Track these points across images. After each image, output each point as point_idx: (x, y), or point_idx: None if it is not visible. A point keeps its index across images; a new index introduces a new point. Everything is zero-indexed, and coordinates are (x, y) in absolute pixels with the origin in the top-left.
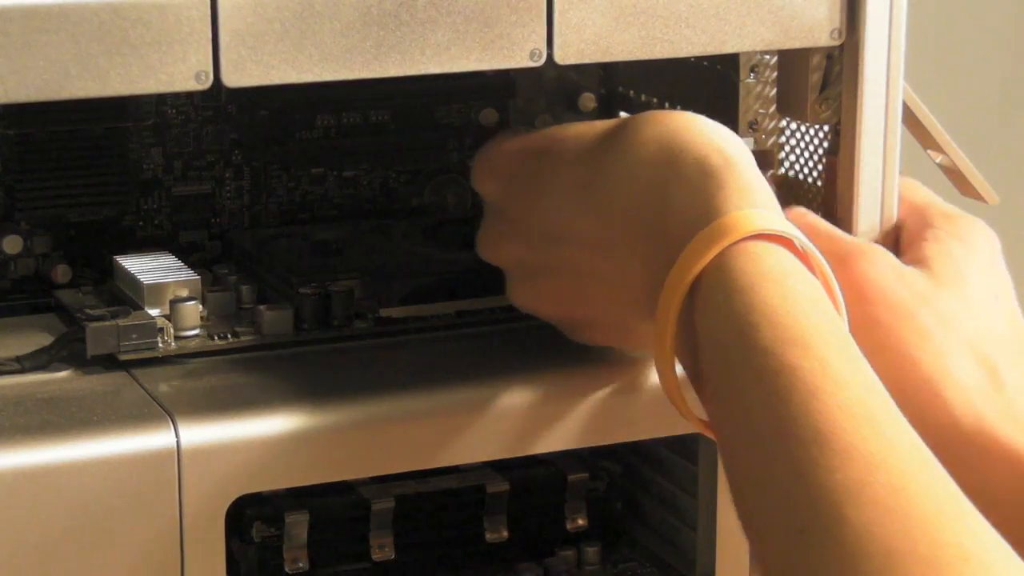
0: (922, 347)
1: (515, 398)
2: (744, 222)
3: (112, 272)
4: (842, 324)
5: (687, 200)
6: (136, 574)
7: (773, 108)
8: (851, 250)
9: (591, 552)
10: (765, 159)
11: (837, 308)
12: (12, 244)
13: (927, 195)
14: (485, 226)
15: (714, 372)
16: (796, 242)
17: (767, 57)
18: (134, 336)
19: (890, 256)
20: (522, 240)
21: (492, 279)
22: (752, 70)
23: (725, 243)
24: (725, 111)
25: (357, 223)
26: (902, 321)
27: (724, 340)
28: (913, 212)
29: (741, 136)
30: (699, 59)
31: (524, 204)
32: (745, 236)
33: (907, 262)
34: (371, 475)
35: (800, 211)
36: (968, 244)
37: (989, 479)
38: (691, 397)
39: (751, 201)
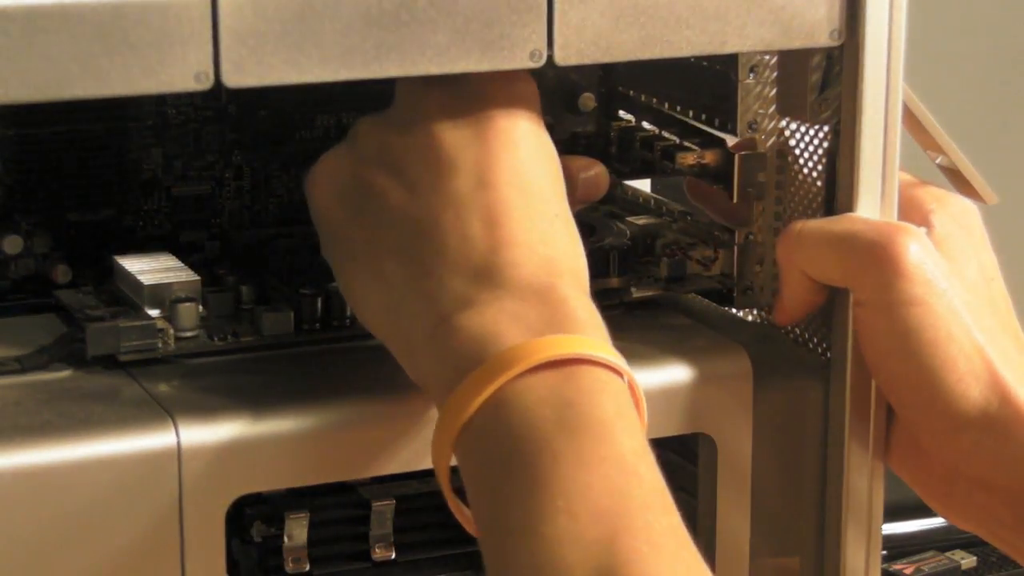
0: (958, 323)
1: None
2: (528, 352)
3: (112, 272)
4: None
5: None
6: (136, 574)
7: (773, 108)
8: (886, 231)
9: None
10: (757, 161)
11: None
12: (12, 244)
13: (910, 179)
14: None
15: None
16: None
17: (767, 57)
18: (134, 336)
19: (920, 235)
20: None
21: None
22: (752, 70)
23: (503, 379)
24: (725, 111)
25: None
26: (938, 298)
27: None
28: (907, 197)
29: (740, 136)
30: (699, 59)
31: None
32: (529, 367)
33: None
34: (371, 475)
35: (839, 216)
36: (966, 227)
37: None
38: None
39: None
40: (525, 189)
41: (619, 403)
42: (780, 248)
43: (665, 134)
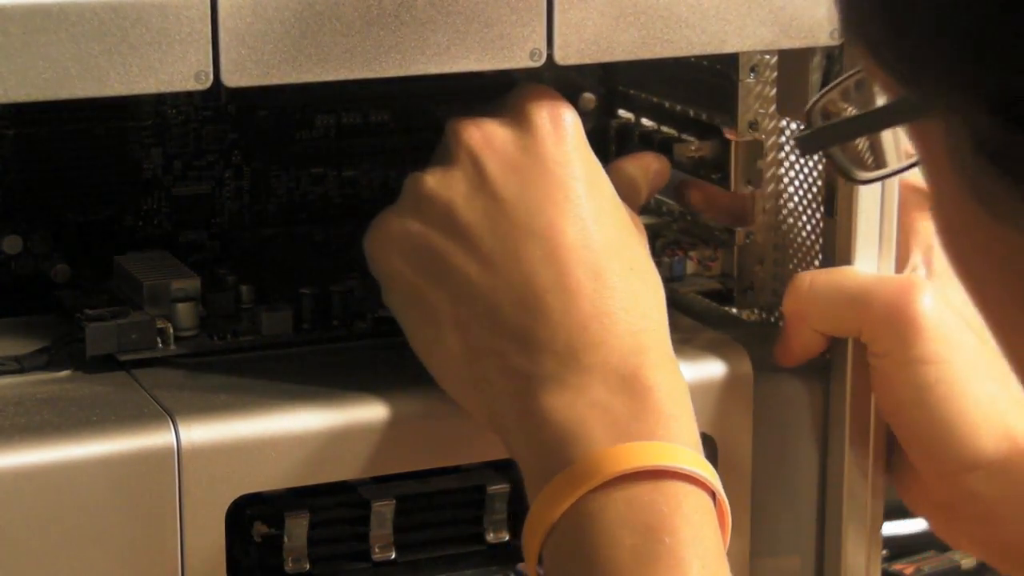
0: (975, 377)
1: None
2: (613, 461)
3: (112, 272)
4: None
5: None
6: (136, 574)
7: (773, 108)
8: (900, 288)
9: None
10: (755, 149)
11: (723, 542)
12: (12, 244)
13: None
14: None
15: None
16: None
17: (767, 57)
18: (134, 336)
19: (932, 288)
20: None
21: None
22: (752, 70)
23: (585, 489)
24: (725, 111)
25: (357, 223)
26: (954, 352)
27: None
28: (906, 224)
29: (740, 136)
30: (699, 59)
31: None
32: (611, 477)
33: (906, 268)
34: (371, 475)
35: (845, 269)
36: None
37: None
38: None
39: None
40: (594, 252)
41: (696, 526)
42: (788, 301)
43: (664, 128)
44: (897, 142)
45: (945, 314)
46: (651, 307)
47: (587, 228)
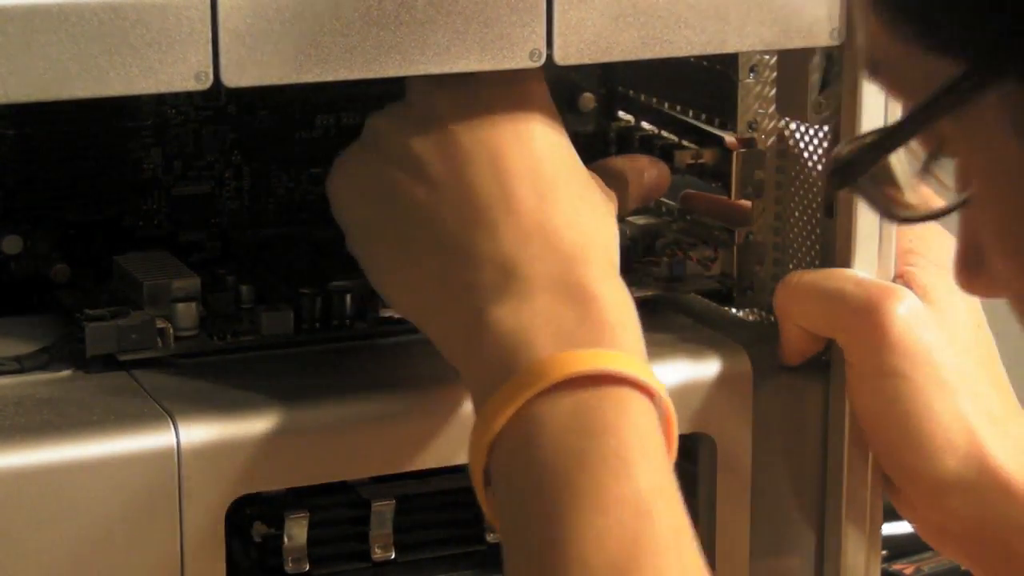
0: (939, 395)
1: None
2: (557, 367)
3: (112, 272)
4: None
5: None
6: (136, 574)
7: (773, 108)
8: (875, 294)
9: None
10: (756, 158)
11: (669, 450)
12: (12, 244)
13: None
14: None
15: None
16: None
17: (767, 57)
18: (134, 336)
19: (910, 298)
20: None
21: None
22: (752, 70)
23: (529, 394)
24: (725, 111)
25: None
26: (919, 369)
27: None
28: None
29: (740, 136)
30: (699, 59)
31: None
32: (556, 382)
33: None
34: (371, 475)
35: (833, 270)
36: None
37: (1006, 512)
38: None
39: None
40: (541, 178)
41: (642, 431)
42: (777, 298)
43: (664, 133)
44: (915, 188)
45: (917, 326)
46: (597, 229)
47: (536, 157)
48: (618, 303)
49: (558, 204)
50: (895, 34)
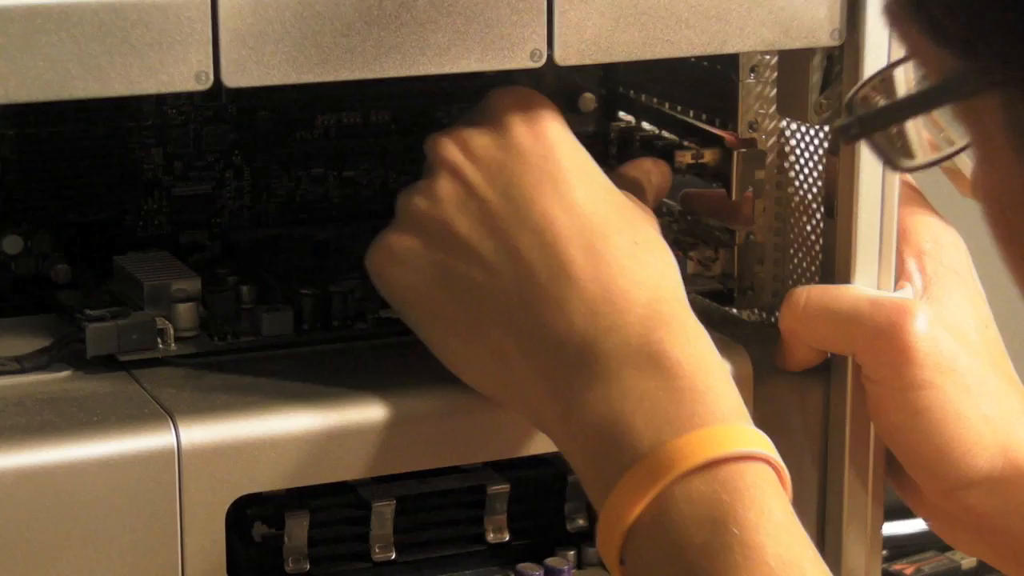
0: (967, 400)
1: None
2: (688, 451)
3: (112, 272)
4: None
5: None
6: (136, 574)
7: (773, 108)
8: (893, 313)
9: (591, 552)
10: (756, 158)
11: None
12: (12, 244)
13: (910, 188)
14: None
15: None
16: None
17: (767, 57)
18: (134, 336)
19: (924, 311)
20: None
21: None
22: (752, 70)
23: (663, 484)
24: (725, 111)
25: (357, 223)
26: (947, 377)
27: None
28: (903, 228)
29: (740, 136)
30: (699, 59)
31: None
32: (688, 470)
33: (903, 285)
34: (371, 475)
35: (841, 289)
36: (958, 272)
37: None
38: None
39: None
40: (591, 233)
41: (759, 505)
42: (784, 317)
43: (665, 134)
44: (920, 135)
45: (938, 337)
46: (662, 276)
47: (580, 213)
48: (701, 363)
49: (615, 259)
50: (908, 27)
